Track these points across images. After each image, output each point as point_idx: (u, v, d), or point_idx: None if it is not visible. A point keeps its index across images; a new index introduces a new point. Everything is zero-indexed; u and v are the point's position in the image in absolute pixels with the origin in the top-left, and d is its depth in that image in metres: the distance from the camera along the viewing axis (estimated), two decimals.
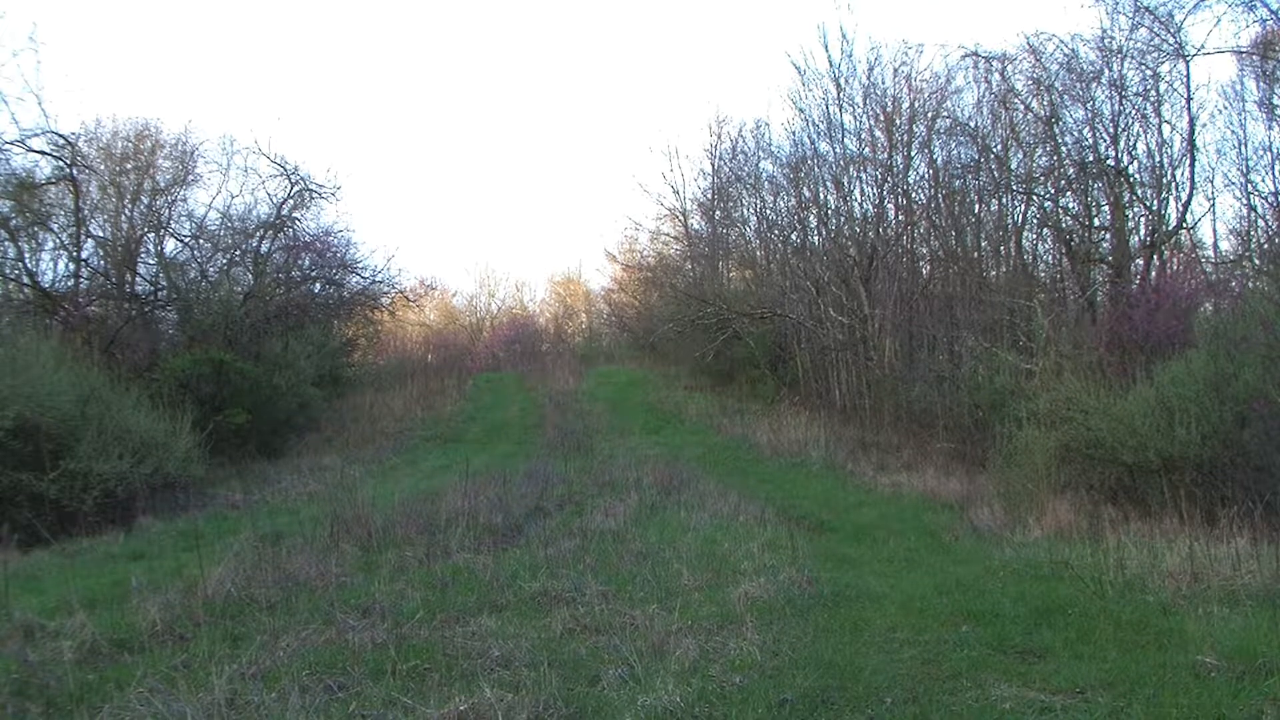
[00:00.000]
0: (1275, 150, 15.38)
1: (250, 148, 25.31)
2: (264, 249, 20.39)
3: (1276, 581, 5.26)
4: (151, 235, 19.17)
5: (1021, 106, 16.27)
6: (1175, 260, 14.63)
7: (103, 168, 18.62)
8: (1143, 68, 14.73)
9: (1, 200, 16.05)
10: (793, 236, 22.36)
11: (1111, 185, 14.96)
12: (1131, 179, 15.02)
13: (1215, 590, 5.26)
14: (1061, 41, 16.10)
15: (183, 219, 19.66)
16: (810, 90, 20.98)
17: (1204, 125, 22.52)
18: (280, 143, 58.90)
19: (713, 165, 26.37)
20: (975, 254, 17.83)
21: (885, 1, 36.60)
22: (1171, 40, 14.07)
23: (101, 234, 18.52)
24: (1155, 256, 14.42)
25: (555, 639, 4.67)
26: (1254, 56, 14.17)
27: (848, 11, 41.94)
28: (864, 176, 19.94)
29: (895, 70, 19.26)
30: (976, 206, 18.05)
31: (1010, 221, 17.26)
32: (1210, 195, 22.34)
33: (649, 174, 57.09)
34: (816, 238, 21.25)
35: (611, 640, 4.55)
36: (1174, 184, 14.94)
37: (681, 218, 28.68)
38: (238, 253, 19.95)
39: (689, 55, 56.25)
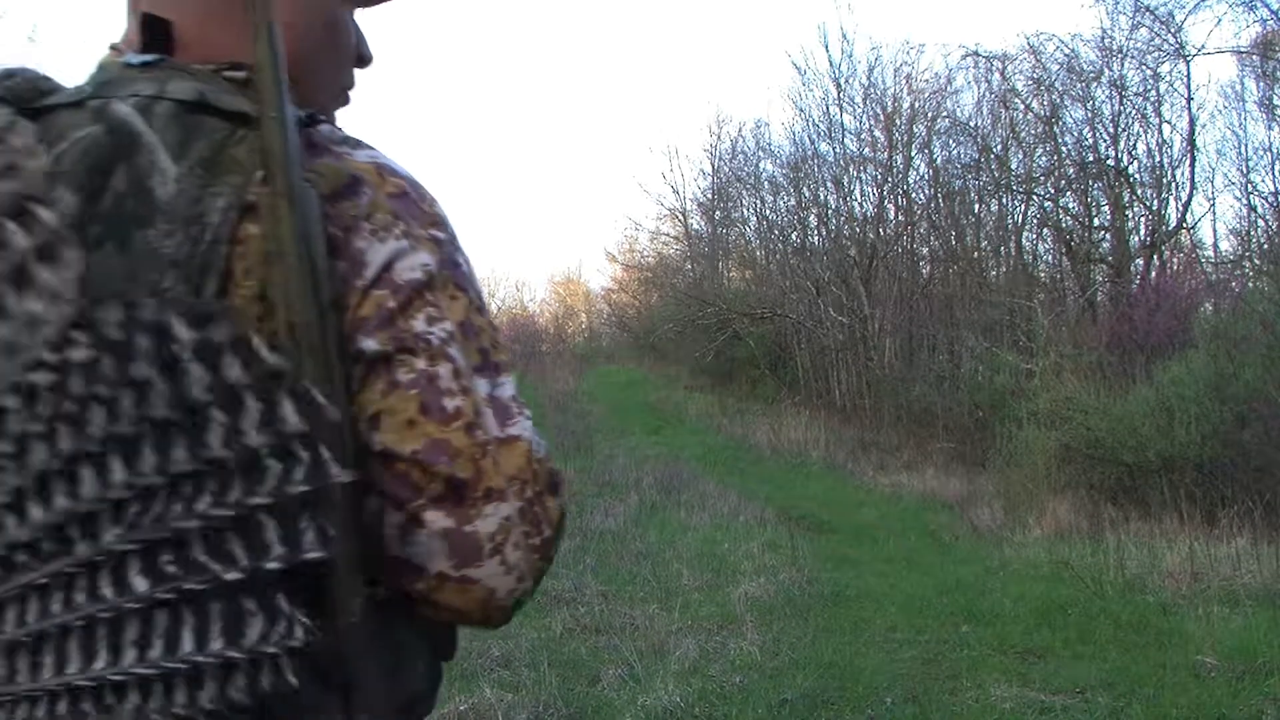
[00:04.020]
0: (1275, 150, 15.36)
1: None
2: None
3: (1276, 581, 5.27)
4: None
5: (1021, 106, 16.28)
6: (1175, 260, 14.64)
7: None
8: (1143, 68, 14.74)
9: None
10: (793, 236, 22.35)
11: (1111, 185, 14.96)
12: (1131, 179, 15.02)
13: (1215, 590, 5.26)
14: (1061, 41, 16.10)
15: None
16: (810, 90, 21.01)
17: (1204, 125, 22.47)
18: None
19: (713, 165, 26.35)
20: (975, 254, 17.83)
21: (885, 1, 36.60)
22: (1172, 40, 14.08)
23: None
24: (1155, 256, 14.42)
25: (555, 639, 4.67)
26: (1254, 56, 14.16)
27: (848, 11, 41.92)
28: (864, 176, 19.94)
29: (895, 70, 19.26)
30: (976, 206, 18.04)
31: (1010, 221, 17.25)
32: (1210, 195, 22.29)
33: (649, 174, 57.03)
34: (816, 238, 21.26)
35: (611, 640, 4.56)
36: (1174, 184, 14.94)
37: (681, 218, 28.66)
38: None
39: (689, 55, 56.28)
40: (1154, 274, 14.03)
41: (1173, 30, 13.95)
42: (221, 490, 0.55)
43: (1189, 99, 14.40)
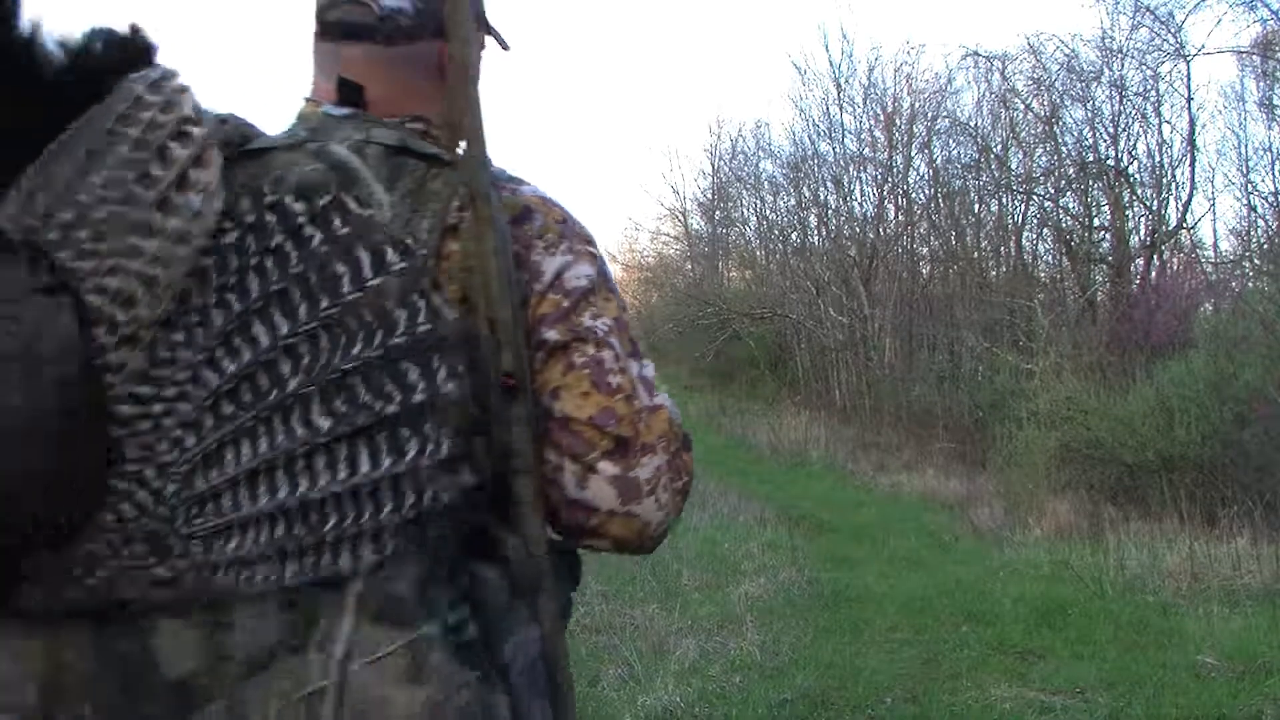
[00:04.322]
0: (1275, 150, 15.35)
1: None
2: None
3: (1276, 581, 5.27)
4: None
5: (1021, 106, 16.28)
6: (1175, 260, 14.63)
7: None
8: (1143, 68, 14.74)
9: None
10: (793, 236, 22.36)
11: (1111, 185, 14.95)
12: (1131, 179, 15.01)
13: (1215, 590, 5.26)
14: (1061, 41, 16.12)
15: None
16: (810, 90, 21.02)
17: (1204, 125, 22.47)
18: None
19: (713, 165, 26.33)
20: (975, 254, 17.83)
21: (885, 1, 36.60)
22: (1172, 40, 14.08)
23: None
24: (1155, 256, 14.41)
25: None
26: (1254, 56, 14.16)
27: (848, 11, 41.93)
28: (864, 176, 19.95)
29: (896, 70, 19.28)
30: (976, 206, 18.04)
31: (1010, 221, 17.25)
32: (1210, 195, 22.30)
33: (649, 174, 57.14)
34: (816, 238, 21.26)
35: (611, 640, 4.56)
36: (1174, 184, 14.92)
37: (681, 218, 28.66)
38: None
39: (689, 55, 56.26)
40: (1154, 274, 14.03)
41: (1173, 30, 13.97)
42: (368, 337, 0.72)
43: (1189, 99, 14.40)
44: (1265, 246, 14.18)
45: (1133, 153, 15.11)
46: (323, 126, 0.88)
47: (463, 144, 0.86)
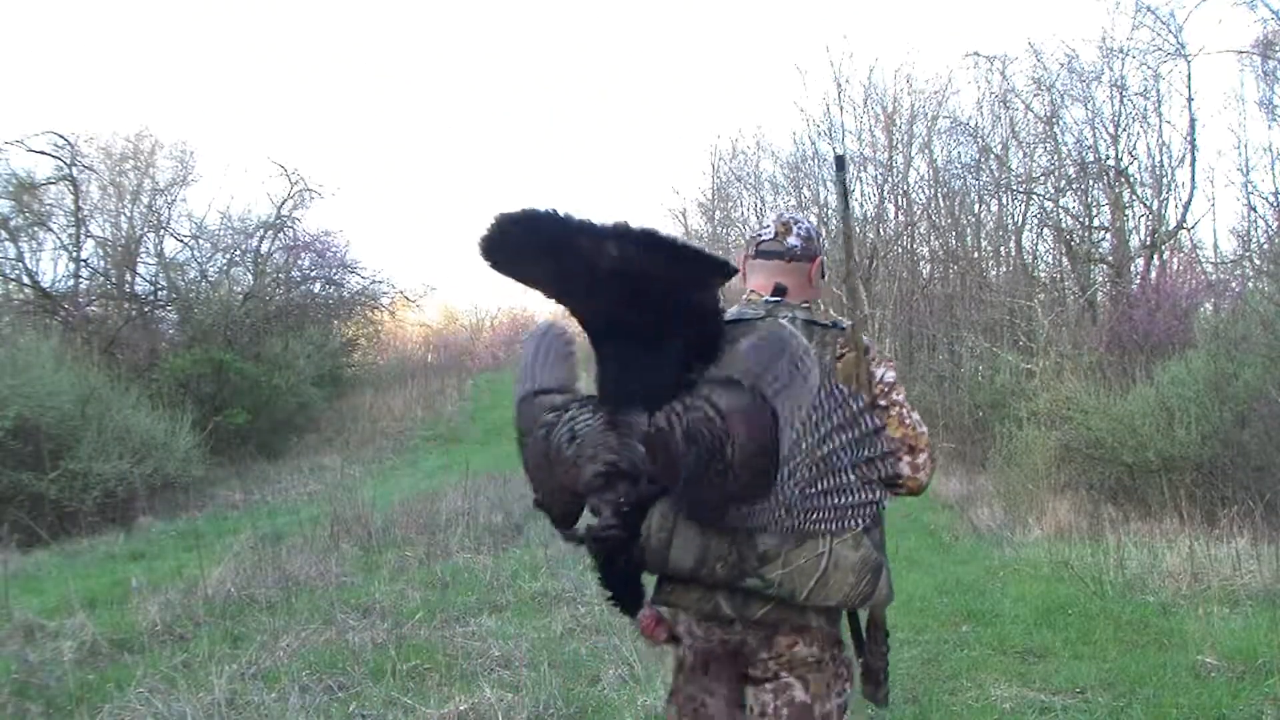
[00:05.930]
0: (1275, 150, 15.37)
1: (250, 148, 25.21)
2: (264, 249, 20.37)
3: (1276, 581, 5.26)
4: (151, 235, 19.16)
5: (1022, 106, 16.28)
6: (1175, 260, 14.62)
7: (103, 168, 18.60)
8: (1143, 68, 14.74)
9: (1, 200, 16.05)
10: None
11: (1111, 185, 14.95)
12: (1131, 179, 15.01)
13: (1215, 590, 5.26)
14: (1062, 41, 16.10)
15: (182, 219, 19.64)
16: (811, 90, 20.96)
17: (1204, 125, 22.49)
18: (279, 144, 58.74)
19: (712, 165, 26.31)
20: (975, 254, 17.82)
21: (886, 1, 36.55)
22: (1172, 40, 14.09)
23: (101, 234, 18.51)
24: (1155, 256, 14.40)
25: (555, 639, 4.67)
26: (1254, 56, 14.15)
27: (849, 12, 41.83)
28: (864, 176, 19.92)
29: (896, 70, 19.26)
30: (976, 206, 18.03)
31: (1010, 221, 17.24)
32: (1210, 195, 22.31)
33: (648, 173, 57.06)
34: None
35: (611, 640, 4.55)
36: (1174, 184, 14.92)
37: (681, 217, 28.65)
38: (238, 253, 19.93)
39: (688, 55, 56.19)
40: (1154, 274, 14.02)
41: (1173, 30, 13.97)
42: (851, 414, 1.73)
43: (1189, 99, 14.40)
44: (1265, 246, 14.15)
45: (1133, 153, 15.12)
46: (770, 309, 1.91)
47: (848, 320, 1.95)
